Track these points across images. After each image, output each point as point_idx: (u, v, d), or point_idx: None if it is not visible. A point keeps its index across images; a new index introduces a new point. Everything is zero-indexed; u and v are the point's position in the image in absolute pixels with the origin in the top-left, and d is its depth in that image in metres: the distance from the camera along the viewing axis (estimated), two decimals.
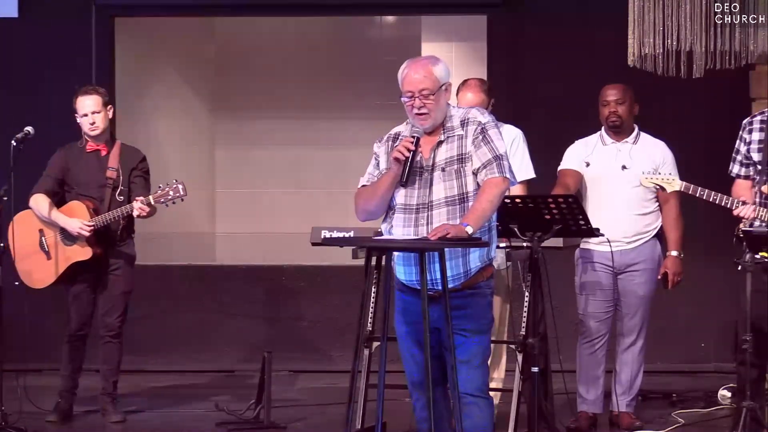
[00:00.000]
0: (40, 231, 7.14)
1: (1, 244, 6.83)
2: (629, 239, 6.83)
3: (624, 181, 6.85)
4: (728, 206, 6.39)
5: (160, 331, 9.14)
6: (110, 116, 7.22)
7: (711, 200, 6.39)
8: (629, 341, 6.92)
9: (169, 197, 6.96)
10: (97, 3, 9.26)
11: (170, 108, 10.94)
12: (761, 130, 6.54)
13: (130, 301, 7.27)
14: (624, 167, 6.88)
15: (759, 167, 6.50)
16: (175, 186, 6.97)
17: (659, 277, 6.93)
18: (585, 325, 6.97)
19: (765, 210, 6.38)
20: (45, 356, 7.53)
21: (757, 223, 6.41)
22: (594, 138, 7.03)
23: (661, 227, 6.95)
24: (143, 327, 8.98)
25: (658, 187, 6.56)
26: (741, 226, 6.37)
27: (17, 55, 9.25)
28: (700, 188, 6.42)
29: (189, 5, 9.63)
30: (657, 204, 6.93)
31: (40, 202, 7.13)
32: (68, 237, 7.08)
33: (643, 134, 6.98)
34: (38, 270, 7.12)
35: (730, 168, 6.64)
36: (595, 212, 6.59)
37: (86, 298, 7.20)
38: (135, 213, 6.94)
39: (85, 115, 7.13)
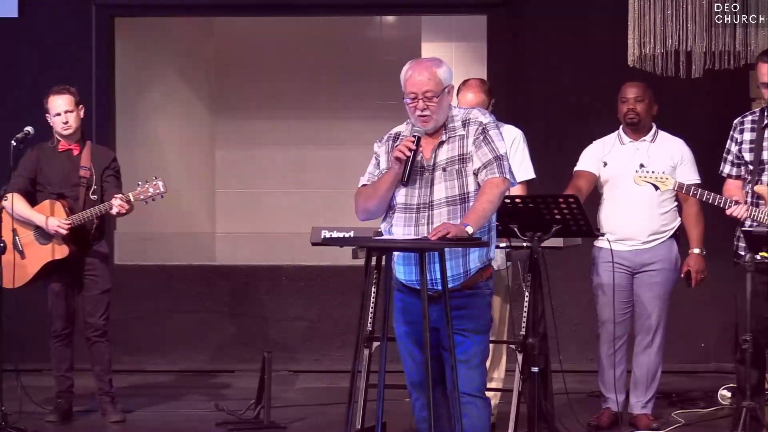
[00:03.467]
0: (14, 230, 7.11)
1: (1, 244, 6.83)
2: (646, 239, 6.81)
3: None
4: (721, 206, 6.40)
5: (160, 331, 9.14)
6: (81, 116, 7.21)
7: (704, 200, 6.41)
8: (645, 342, 6.90)
9: (149, 194, 6.96)
10: (97, 3, 9.26)
11: (170, 108, 10.94)
12: (752, 130, 6.56)
13: (113, 299, 7.26)
14: (642, 165, 6.87)
15: (750, 167, 6.52)
16: (154, 183, 6.96)
17: (682, 275, 6.91)
18: (603, 327, 6.96)
19: (757, 209, 6.39)
20: (45, 356, 7.51)
21: (748, 222, 6.43)
22: (612, 137, 7.03)
23: (679, 227, 6.94)
24: (143, 327, 9.00)
25: (651, 186, 6.58)
26: (740, 227, 6.37)
27: (17, 55, 9.25)
28: (693, 187, 6.44)
29: (189, 5, 9.63)
30: (675, 203, 6.91)
31: (15, 201, 7.09)
32: (44, 236, 7.07)
33: (661, 132, 6.99)
34: (12, 269, 7.06)
35: (721, 168, 6.66)
36: (614, 211, 6.59)
37: (66, 296, 7.20)
38: (114, 210, 6.92)
39: (58, 114, 7.11)
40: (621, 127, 7.00)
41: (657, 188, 6.53)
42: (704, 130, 8.72)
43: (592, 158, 6.99)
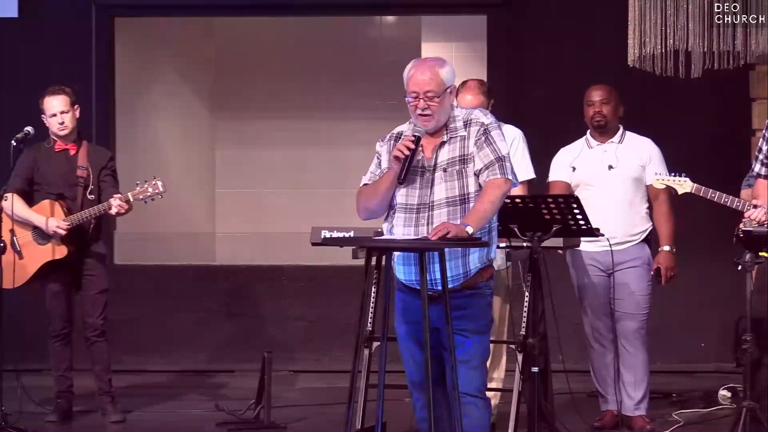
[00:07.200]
0: (11, 231, 7.10)
1: (1, 244, 6.83)
2: (618, 241, 6.80)
3: (611, 181, 6.84)
4: (739, 208, 6.36)
5: (160, 331, 9.14)
6: (77, 116, 7.21)
7: (722, 202, 6.38)
8: (628, 343, 6.90)
9: (148, 194, 6.96)
10: (97, 3, 9.27)
11: (170, 108, 10.94)
12: None
13: (110, 299, 7.26)
14: (610, 167, 6.87)
15: None
16: (153, 183, 6.96)
17: (652, 272, 6.92)
18: (591, 328, 6.97)
19: None
20: (45, 356, 7.51)
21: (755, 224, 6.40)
22: (579, 142, 7.03)
23: (650, 232, 6.94)
24: (143, 327, 9.00)
25: (670, 188, 6.58)
26: (741, 226, 6.34)
27: (17, 55, 9.25)
28: (711, 190, 6.41)
29: (189, 5, 9.63)
30: (647, 205, 6.92)
31: (14, 202, 7.09)
32: (42, 236, 7.07)
33: (628, 133, 6.97)
34: (10, 270, 7.04)
35: (752, 167, 6.61)
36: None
37: (64, 296, 7.19)
38: (113, 210, 6.93)
39: (54, 115, 7.12)
40: (588, 131, 7.00)
41: (675, 191, 6.53)
42: (704, 130, 8.74)
43: (561, 166, 7.00)
